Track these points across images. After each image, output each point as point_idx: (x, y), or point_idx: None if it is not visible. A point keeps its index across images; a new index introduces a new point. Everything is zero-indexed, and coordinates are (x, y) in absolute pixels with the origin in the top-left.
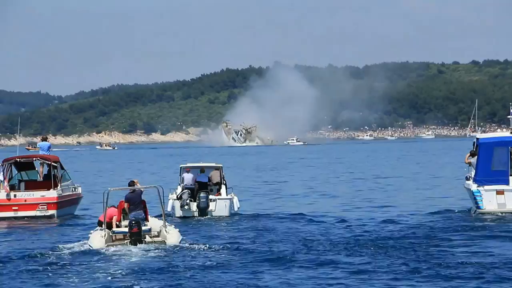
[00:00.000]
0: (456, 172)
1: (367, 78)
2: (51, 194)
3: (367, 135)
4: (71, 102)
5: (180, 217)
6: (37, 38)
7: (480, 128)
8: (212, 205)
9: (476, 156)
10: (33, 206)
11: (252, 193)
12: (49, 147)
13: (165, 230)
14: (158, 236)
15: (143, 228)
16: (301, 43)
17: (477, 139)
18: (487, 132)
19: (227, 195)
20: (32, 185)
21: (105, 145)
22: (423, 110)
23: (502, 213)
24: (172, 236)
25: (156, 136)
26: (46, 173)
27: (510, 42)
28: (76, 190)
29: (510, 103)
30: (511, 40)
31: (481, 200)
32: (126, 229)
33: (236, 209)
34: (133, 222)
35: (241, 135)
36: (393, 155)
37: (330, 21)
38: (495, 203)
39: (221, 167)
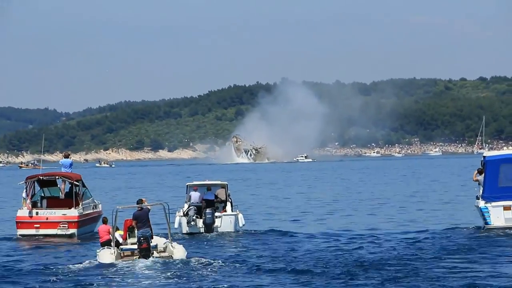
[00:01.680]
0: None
1: (374, 94)
2: (72, 213)
3: (374, 152)
4: (79, 119)
5: (186, 233)
6: (45, 55)
7: (487, 145)
8: (217, 221)
9: (483, 174)
10: (54, 224)
11: (257, 210)
12: (71, 164)
13: (171, 246)
14: (164, 251)
15: (151, 244)
16: (308, 59)
17: (484, 157)
18: (494, 149)
19: (232, 212)
20: (54, 203)
21: (103, 163)
22: (430, 127)
23: (510, 228)
24: (178, 251)
25: (163, 153)
26: (67, 190)
27: None
28: (97, 207)
29: None
30: None
31: (489, 216)
32: (134, 246)
33: (241, 225)
34: (142, 238)
35: (251, 155)
36: (401, 172)
37: (337, 37)
38: (503, 218)
39: (227, 184)
